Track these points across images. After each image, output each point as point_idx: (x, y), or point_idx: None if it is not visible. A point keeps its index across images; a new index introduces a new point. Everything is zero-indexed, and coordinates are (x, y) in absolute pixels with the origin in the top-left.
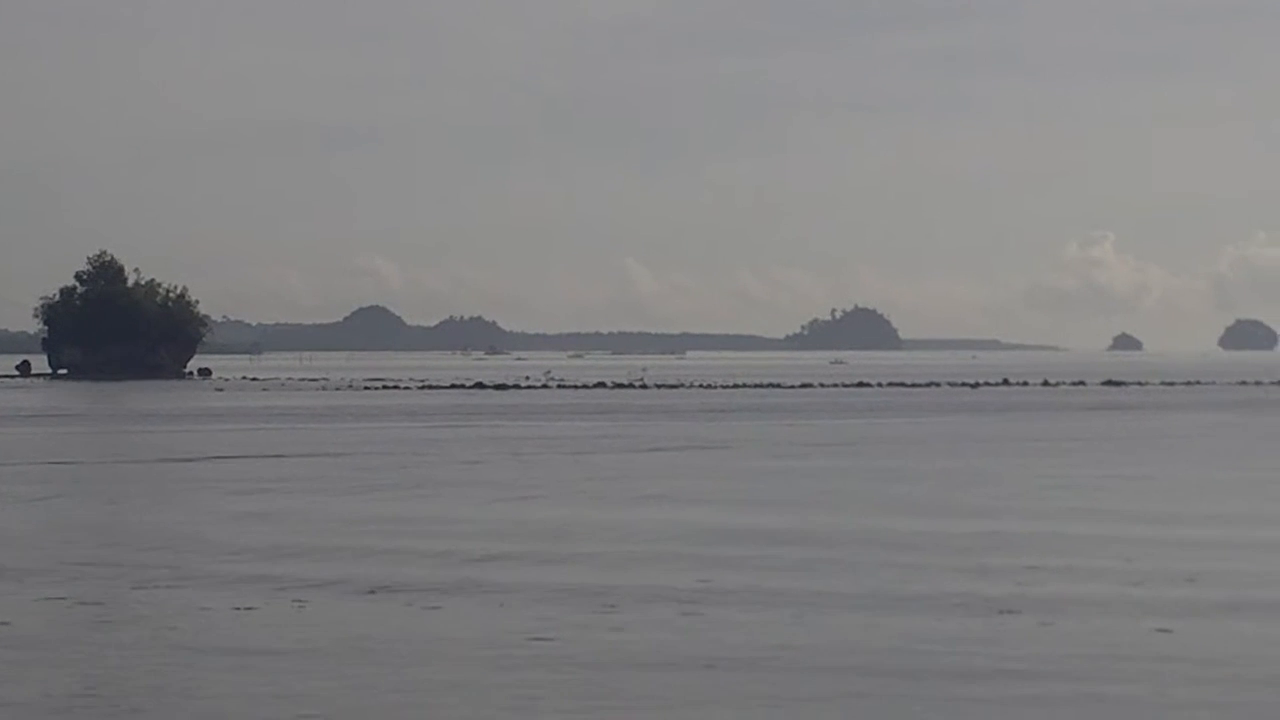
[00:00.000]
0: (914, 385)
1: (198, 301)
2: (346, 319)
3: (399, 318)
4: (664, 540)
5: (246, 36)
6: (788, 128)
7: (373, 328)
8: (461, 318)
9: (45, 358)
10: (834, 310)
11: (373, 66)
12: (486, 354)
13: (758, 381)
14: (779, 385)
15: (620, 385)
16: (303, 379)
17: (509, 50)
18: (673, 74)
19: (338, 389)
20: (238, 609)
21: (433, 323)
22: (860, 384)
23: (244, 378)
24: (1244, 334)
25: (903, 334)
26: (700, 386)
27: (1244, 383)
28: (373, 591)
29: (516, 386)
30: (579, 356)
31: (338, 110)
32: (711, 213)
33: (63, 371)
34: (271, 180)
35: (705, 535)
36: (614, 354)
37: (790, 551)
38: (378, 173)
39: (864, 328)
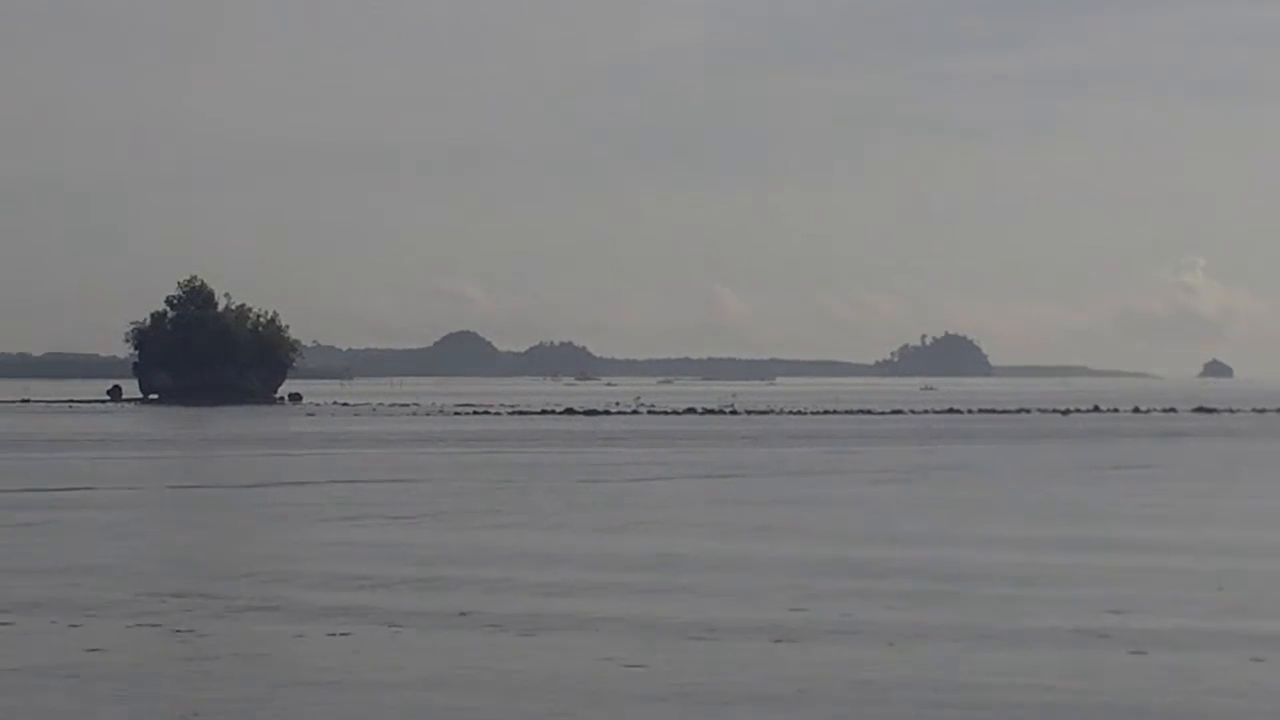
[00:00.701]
0: (1004, 412)
1: (288, 326)
2: (437, 344)
3: (489, 343)
4: (758, 571)
5: (334, 60)
6: (873, 151)
7: (463, 353)
8: (552, 343)
9: (136, 382)
10: (924, 336)
11: (460, 89)
12: (577, 379)
13: (848, 408)
14: (869, 411)
15: (710, 411)
16: (393, 404)
17: (593, 73)
18: (755, 96)
19: (428, 414)
20: (332, 635)
21: (523, 348)
22: (950, 410)
23: (335, 403)
24: None
25: (993, 360)
26: (790, 412)
27: None
28: (465, 617)
29: (606, 412)
30: (669, 382)
31: (427, 133)
32: (796, 237)
33: (153, 396)
34: (363, 204)
35: (800, 566)
36: (704, 379)
37: (885, 584)
38: (468, 196)
39: (954, 354)
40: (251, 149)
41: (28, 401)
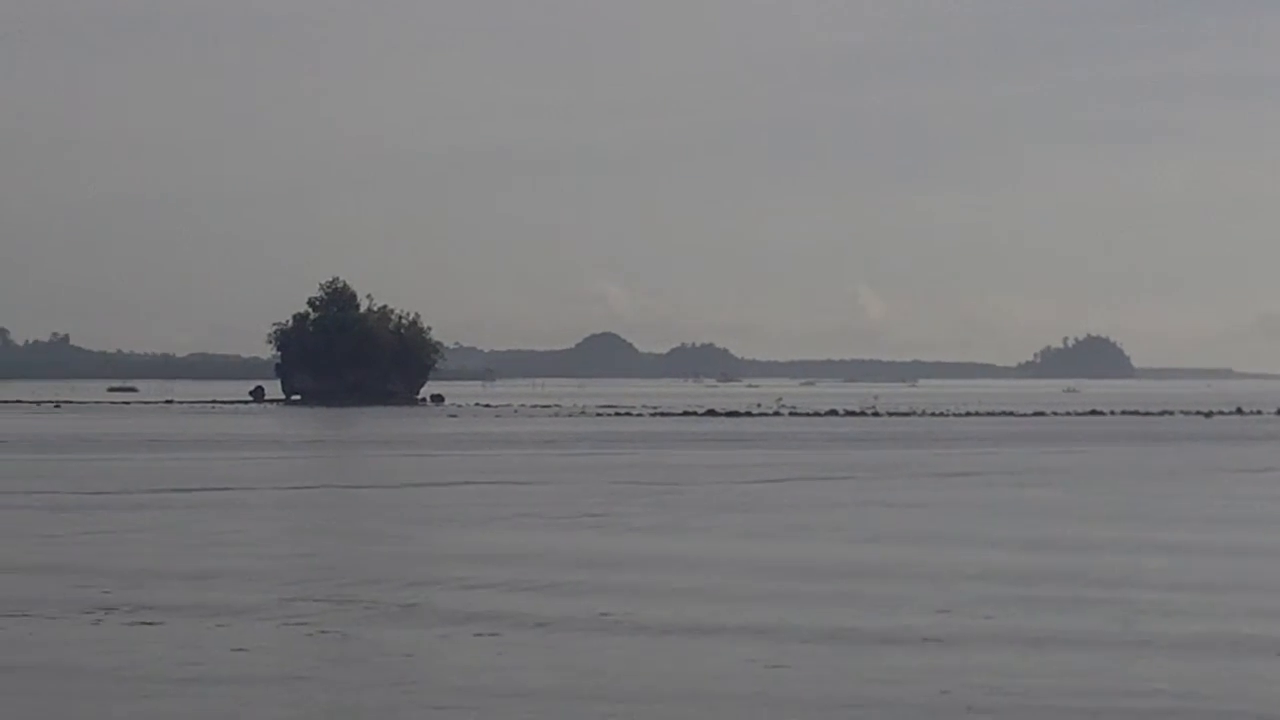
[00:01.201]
0: (1147, 414)
1: (430, 328)
2: (578, 345)
3: (630, 344)
4: (904, 579)
5: (477, 63)
6: (1017, 155)
7: (604, 354)
8: (693, 345)
9: (278, 383)
10: (1066, 338)
11: (609, 92)
12: (719, 381)
13: (990, 409)
14: (1011, 413)
15: (852, 413)
16: (535, 405)
17: (741, 75)
18: (905, 99)
19: (569, 415)
20: (479, 634)
21: (664, 349)
22: (1093, 412)
23: (477, 404)
24: None
25: (1135, 362)
26: (932, 414)
27: None
28: (607, 622)
29: (748, 414)
30: (810, 384)
31: (571, 136)
32: (939, 240)
33: (295, 397)
34: (507, 207)
35: (944, 572)
36: (846, 381)
37: (1032, 589)
38: (609, 198)
39: (1097, 356)
40: (392, 154)
41: (171, 402)
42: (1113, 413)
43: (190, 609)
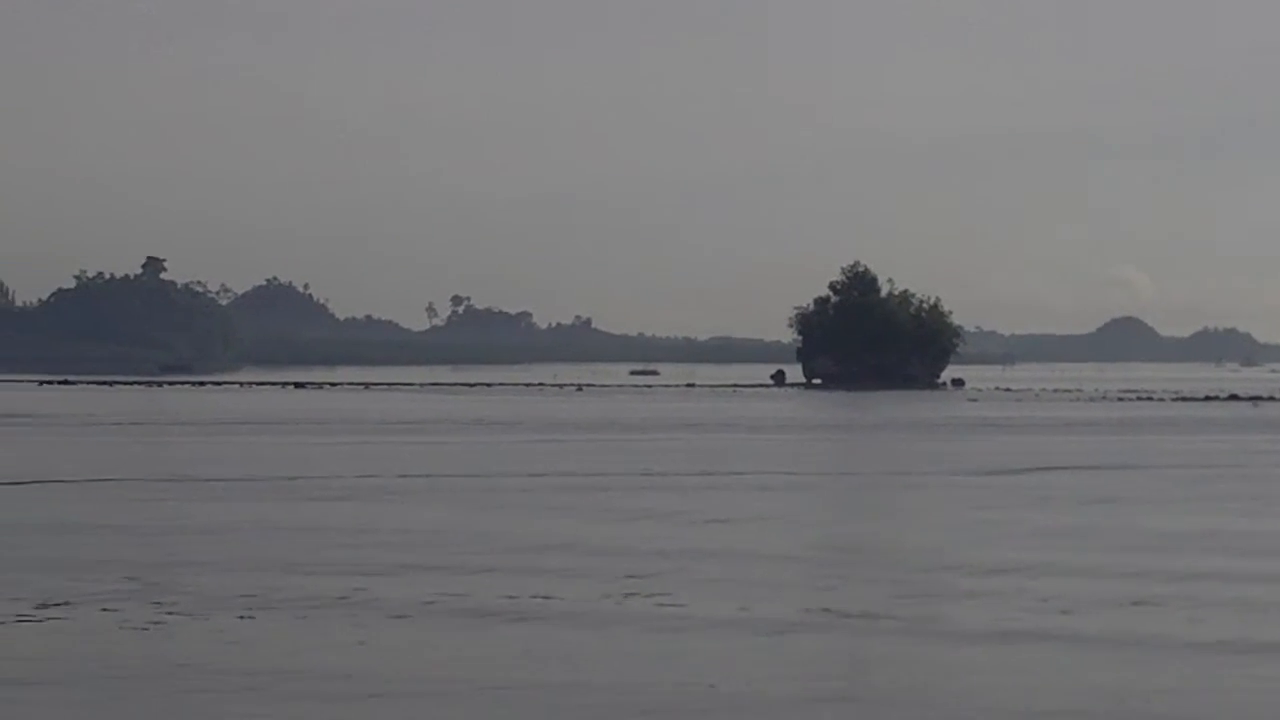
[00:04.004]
0: None
1: (951, 312)
2: (1099, 330)
3: (1152, 329)
4: None
5: (979, 50)
6: None
7: (1124, 339)
8: (1216, 329)
9: (799, 367)
10: None
11: (1101, 76)
12: (1241, 365)
13: None
14: None
15: None
16: (1055, 390)
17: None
18: None
19: (1090, 400)
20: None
21: (1186, 333)
22: None
23: (996, 388)
24: None
25: None
26: None
27: None
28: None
29: (1271, 399)
30: None
31: (1090, 120)
32: None
33: (816, 381)
34: (1024, 190)
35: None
36: None
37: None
38: (1132, 185)
39: None
40: (910, 138)
41: (692, 386)
42: None
43: (717, 582)
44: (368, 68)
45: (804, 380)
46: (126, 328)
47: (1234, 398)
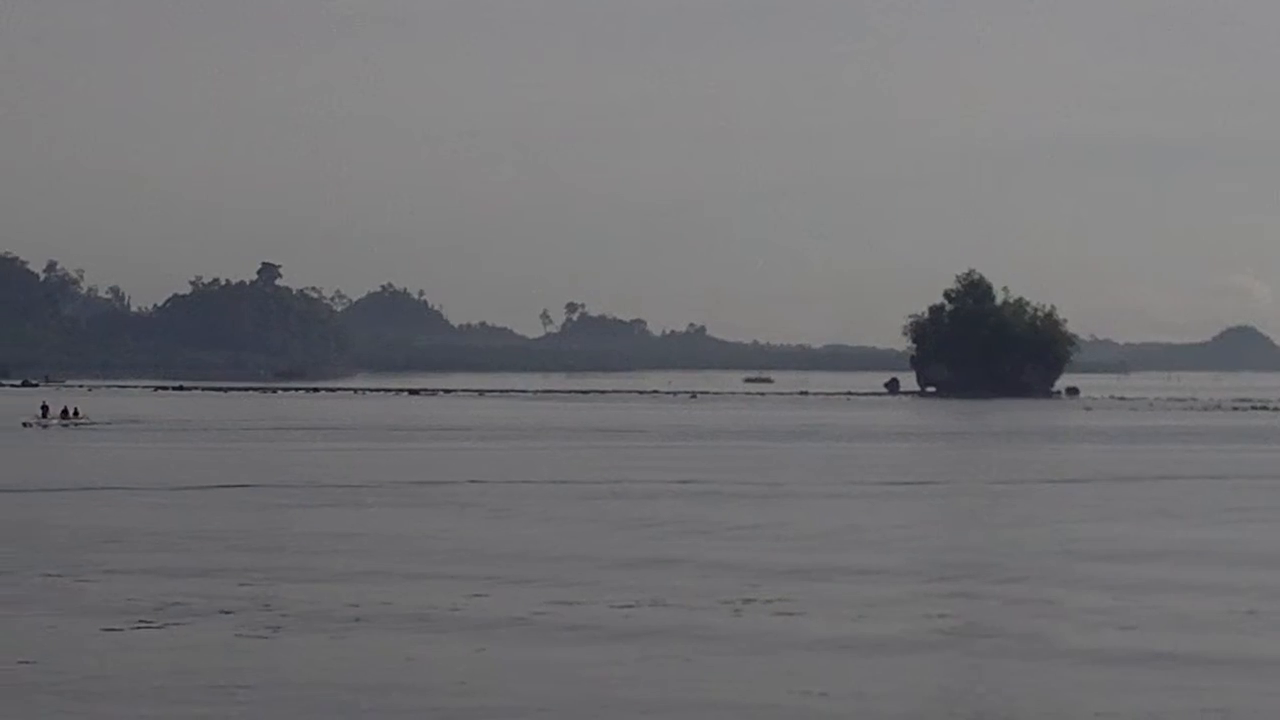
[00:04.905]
0: None
1: (1065, 321)
2: (1215, 339)
3: (1268, 338)
4: None
5: (1101, 50)
6: None
7: (1240, 348)
8: None
9: (914, 375)
10: None
11: (1226, 82)
12: None
13: None
14: None
15: None
16: (1170, 398)
17: None
18: None
19: (1204, 409)
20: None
21: None
22: None
23: (1111, 397)
24: None
25: None
26: None
27: None
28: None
29: None
30: None
31: (1205, 128)
32: None
33: (930, 389)
34: (1139, 198)
35: None
36: None
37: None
38: (1247, 191)
39: None
40: (1026, 145)
41: (805, 394)
42: None
43: (836, 588)
44: (485, 74)
45: (918, 388)
46: (241, 334)
47: None
